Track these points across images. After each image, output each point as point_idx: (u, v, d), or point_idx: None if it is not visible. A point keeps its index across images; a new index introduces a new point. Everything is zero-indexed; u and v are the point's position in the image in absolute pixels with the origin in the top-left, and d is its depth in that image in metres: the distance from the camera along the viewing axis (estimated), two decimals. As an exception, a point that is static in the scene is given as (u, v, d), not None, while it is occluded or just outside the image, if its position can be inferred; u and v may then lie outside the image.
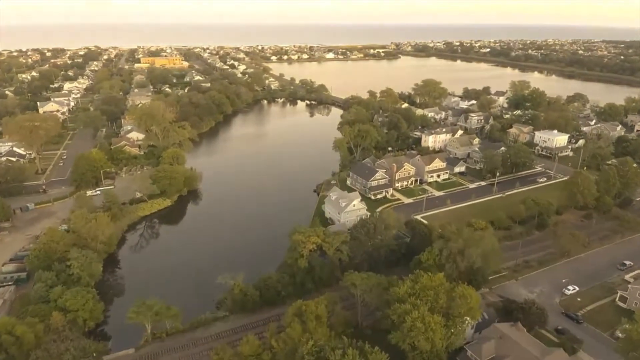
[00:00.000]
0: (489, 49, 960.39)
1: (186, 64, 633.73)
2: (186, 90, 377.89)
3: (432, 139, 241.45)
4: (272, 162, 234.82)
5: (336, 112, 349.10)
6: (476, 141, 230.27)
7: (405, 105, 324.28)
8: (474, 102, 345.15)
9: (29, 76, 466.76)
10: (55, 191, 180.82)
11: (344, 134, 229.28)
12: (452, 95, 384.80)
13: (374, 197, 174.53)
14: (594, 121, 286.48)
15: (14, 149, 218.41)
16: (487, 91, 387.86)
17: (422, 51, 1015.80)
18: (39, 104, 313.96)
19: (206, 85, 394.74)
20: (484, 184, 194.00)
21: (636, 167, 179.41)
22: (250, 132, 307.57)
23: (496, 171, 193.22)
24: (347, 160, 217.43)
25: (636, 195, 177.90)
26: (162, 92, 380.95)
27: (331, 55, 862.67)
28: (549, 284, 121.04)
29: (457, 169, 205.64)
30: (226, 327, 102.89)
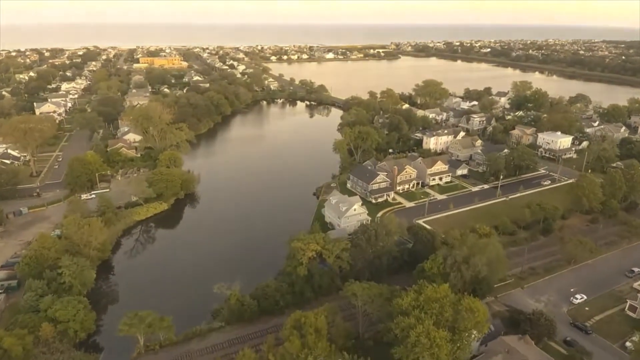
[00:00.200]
0: (489, 49, 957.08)
1: (185, 64, 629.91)
2: (185, 90, 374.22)
3: (433, 141, 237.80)
4: (270, 164, 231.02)
5: (336, 113, 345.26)
6: (478, 143, 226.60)
7: (406, 106, 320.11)
8: (476, 103, 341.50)
9: (26, 76, 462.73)
10: (49, 194, 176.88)
11: (344, 136, 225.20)
12: (453, 96, 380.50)
13: (375, 200, 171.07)
14: (597, 122, 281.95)
15: (9, 151, 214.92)
16: (489, 92, 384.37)
17: (422, 51, 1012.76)
18: (36, 104, 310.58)
19: (205, 85, 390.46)
20: (487, 186, 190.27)
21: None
22: (249, 133, 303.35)
23: (499, 174, 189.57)
24: (347, 162, 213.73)
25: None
26: (161, 92, 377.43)
27: (331, 55, 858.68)
28: (556, 293, 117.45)
29: (460, 172, 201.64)
30: (222, 339, 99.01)
